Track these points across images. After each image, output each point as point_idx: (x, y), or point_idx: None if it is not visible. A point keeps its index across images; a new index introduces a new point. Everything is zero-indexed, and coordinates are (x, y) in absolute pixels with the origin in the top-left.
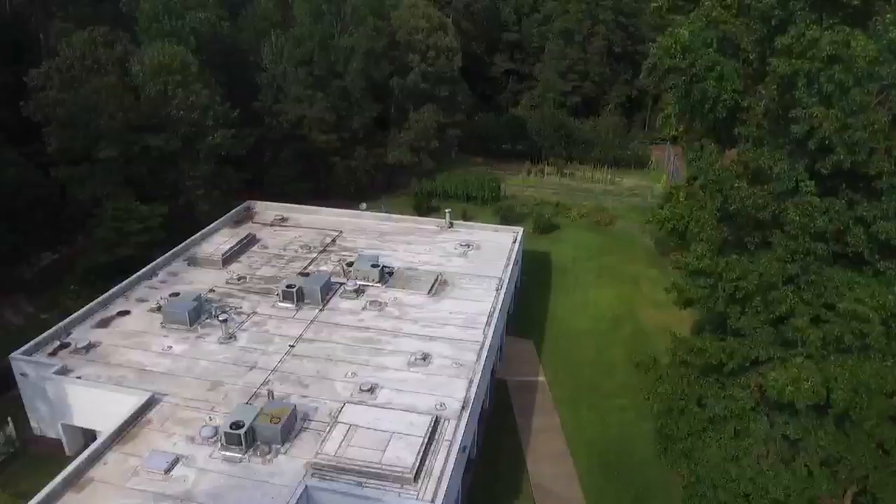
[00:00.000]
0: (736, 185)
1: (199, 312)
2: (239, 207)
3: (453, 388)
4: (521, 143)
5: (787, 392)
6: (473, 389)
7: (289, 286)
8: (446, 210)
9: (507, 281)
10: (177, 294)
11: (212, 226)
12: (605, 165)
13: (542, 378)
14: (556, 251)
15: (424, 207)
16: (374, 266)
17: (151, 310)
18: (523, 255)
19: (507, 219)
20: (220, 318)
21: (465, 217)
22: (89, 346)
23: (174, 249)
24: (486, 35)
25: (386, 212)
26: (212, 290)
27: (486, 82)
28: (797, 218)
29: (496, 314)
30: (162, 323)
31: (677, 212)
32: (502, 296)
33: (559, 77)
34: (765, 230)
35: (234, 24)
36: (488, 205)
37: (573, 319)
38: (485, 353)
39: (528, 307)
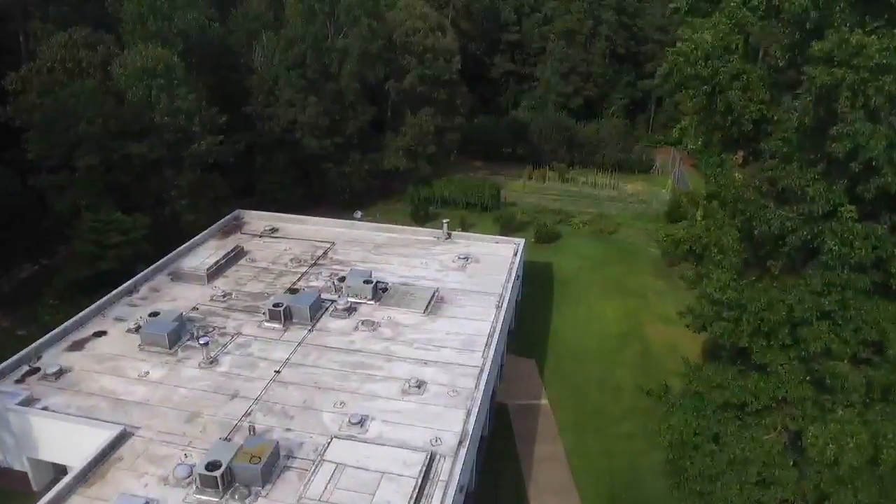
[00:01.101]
0: (762, 204)
1: (179, 334)
2: (227, 217)
3: (450, 420)
4: (522, 147)
5: (829, 451)
6: (472, 421)
7: (276, 305)
8: (444, 221)
9: (507, 297)
10: (156, 314)
11: (198, 237)
12: (609, 170)
13: (544, 401)
14: (559, 262)
15: (421, 215)
16: (366, 282)
17: (130, 330)
18: (524, 266)
19: (507, 227)
20: (201, 342)
21: (464, 225)
22: (60, 372)
23: (157, 263)
24: (485, 35)
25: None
26: (195, 308)
27: (485, 83)
28: (835, 247)
29: (496, 335)
30: (140, 345)
31: (694, 231)
32: (503, 314)
33: (561, 78)
34: (792, 255)
35: (225, 25)
36: (488, 212)
37: (577, 336)
38: (484, 379)
39: (529, 323)
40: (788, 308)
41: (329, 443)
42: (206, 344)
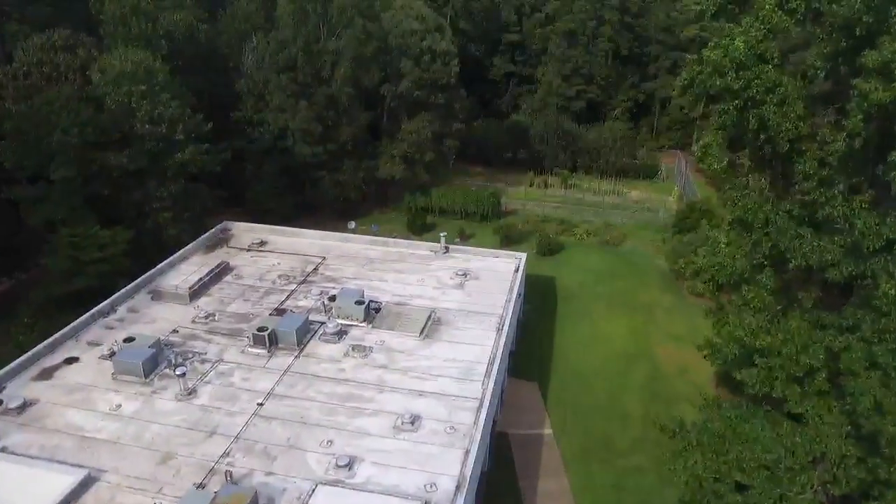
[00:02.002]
0: (796, 233)
1: (156, 361)
2: (214, 230)
3: (446, 462)
4: (523, 152)
5: None
6: (470, 463)
7: (260, 329)
8: (441, 234)
9: (508, 319)
10: (131, 339)
11: (181, 252)
12: (612, 175)
13: (548, 430)
14: (562, 275)
15: (418, 225)
16: (358, 303)
17: (103, 356)
18: (526, 279)
19: (508, 239)
20: (178, 372)
21: (463, 236)
22: (24, 405)
23: (137, 280)
24: (485, 36)
25: (375, 233)
26: (175, 331)
27: (485, 85)
28: (891, 291)
29: (497, 362)
30: (113, 374)
31: (716, 260)
32: (504, 338)
33: (563, 80)
34: (832, 292)
35: (214, 27)
36: (488, 221)
37: (582, 357)
38: (484, 414)
39: (531, 341)
40: (826, 350)
41: (313, 490)
42: (183, 374)
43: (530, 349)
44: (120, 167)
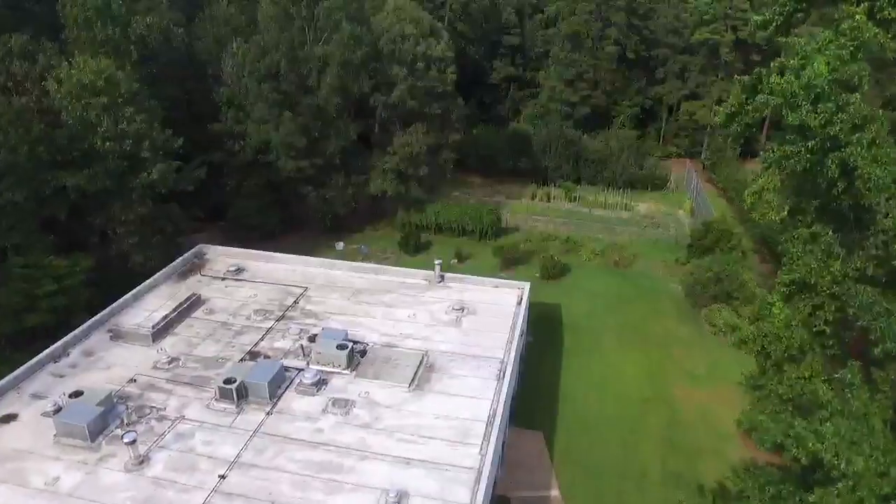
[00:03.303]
0: (884, 309)
1: (105, 421)
2: (187, 255)
3: None
4: (524, 161)
5: None
6: None
7: (227, 381)
8: (436, 261)
9: (510, 364)
10: (79, 393)
11: (149, 282)
12: (620, 187)
13: (555, 492)
14: (568, 302)
15: (412, 245)
16: (340, 347)
17: (46, 413)
18: (529, 308)
19: (508, 261)
20: (127, 440)
21: (460, 257)
22: None
23: (96, 317)
24: (484, 38)
25: (364, 254)
26: (132, 381)
27: (484, 90)
28: None
29: (497, 420)
30: (55, 436)
31: (768, 328)
32: (505, 388)
33: (566, 86)
34: None
35: (192, 31)
36: (487, 240)
37: (592, 401)
38: (483, 487)
39: (535, 382)
40: None
41: None
42: (133, 442)
43: (534, 391)
44: (79, 188)
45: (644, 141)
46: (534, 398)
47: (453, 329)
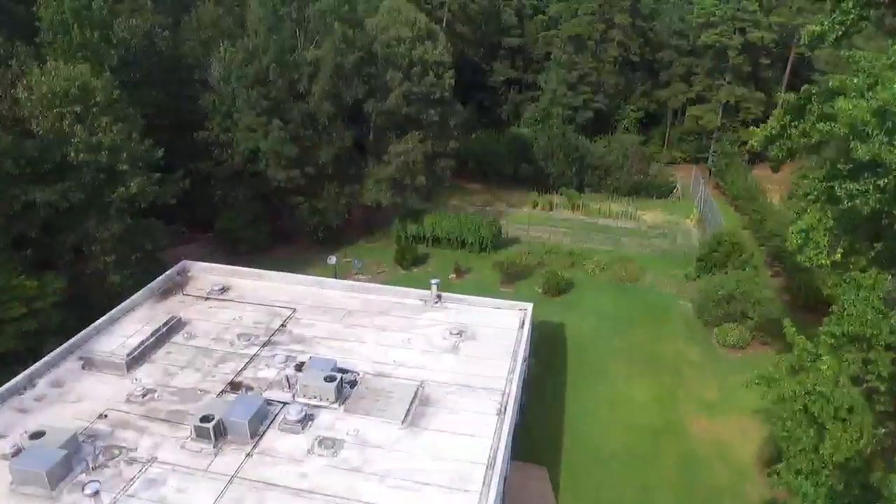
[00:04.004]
0: None
1: (68, 466)
2: (170, 272)
3: None
4: (526, 166)
5: None
6: None
7: (204, 419)
8: (432, 281)
9: (512, 396)
10: (40, 434)
11: (126, 303)
12: (625, 195)
13: None
14: (573, 321)
15: (409, 260)
16: (328, 379)
17: (5, 456)
18: (532, 330)
19: (509, 276)
20: (88, 491)
21: (458, 271)
22: None
23: (67, 343)
24: (484, 39)
25: (358, 269)
26: (103, 416)
27: (484, 93)
28: None
29: (498, 462)
30: (11, 484)
31: (811, 383)
32: (507, 425)
33: (568, 89)
34: None
35: (178, 34)
36: (487, 253)
37: (599, 433)
38: None
39: (538, 411)
40: None
41: None
42: (97, 493)
43: (538, 422)
44: (50, 204)
45: (648, 146)
46: (537, 428)
47: (451, 356)
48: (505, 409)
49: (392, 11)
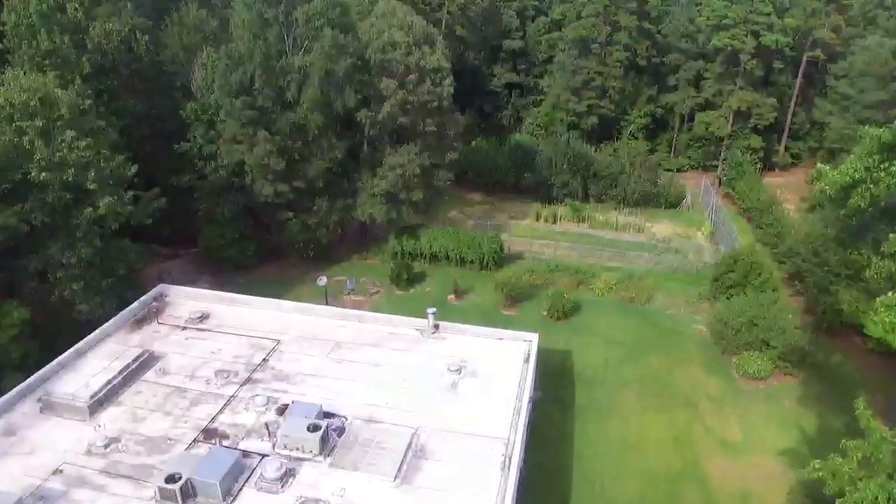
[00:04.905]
0: None
1: None
2: (145, 297)
3: None
4: (528, 175)
5: None
6: None
7: (170, 479)
8: (429, 310)
9: (518, 446)
10: None
11: (96, 333)
12: (632, 205)
13: None
14: (580, 348)
15: (405, 279)
16: (312, 428)
17: None
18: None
19: (512, 298)
20: None
21: (458, 292)
22: None
23: (25, 383)
24: (484, 42)
25: (350, 290)
26: (58, 472)
27: (484, 97)
28: None
29: None
30: None
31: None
32: (511, 481)
33: (572, 94)
34: None
35: (159, 38)
36: (488, 271)
37: (612, 478)
38: None
39: (545, 452)
40: None
41: None
42: None
43: (544, 462)
44: (9, 227)
45: (655, 153)
46: (545, 475)
47: (449, 396)
48: (509, 462)
49: (386, 15)
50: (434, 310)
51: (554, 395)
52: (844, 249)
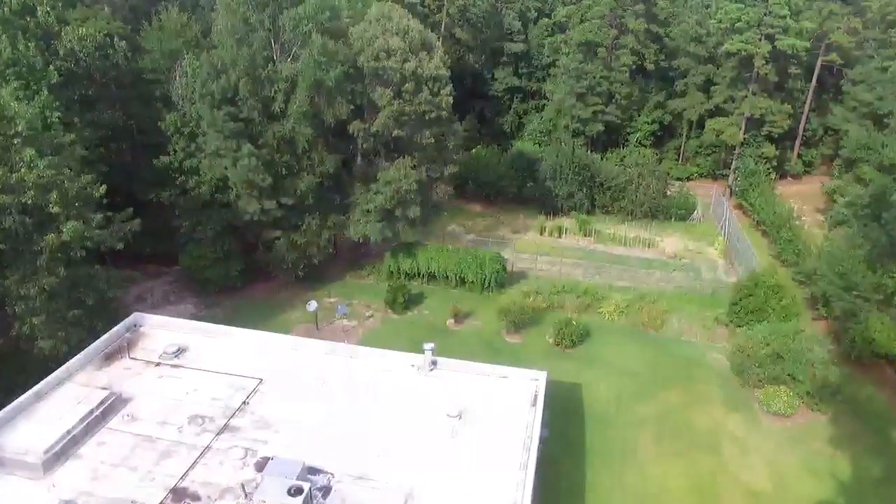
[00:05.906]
0: None
1: None
2: (118, 328)
3: None
4: (531, 185)
5: None
6: None
7: None
8: (426, 346)
9: None
10: None
11: (59, 372)
12: (640, 217)
13: None
14: (590, 382)
15: (401, 302)
16: (294, 492)
17: None
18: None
19: (516, 325)
20: None
21: (458, 316)
22: None
23: None
24: (485, 45)
25: (342, 315)
26: None
27: (485, 102)
28: None
29: None
30: None
31: None
32: None
33: (576, 99)
34: None
35: (139, 44)
36: (490, 292)
37: None
38: None
39: (554, 500)
40: None
41: None
42: None
43: None
44: None
45: (662, 160)
46: None
47: (447, 447)
48: None
49: (381, 19)
50: (432, 346)
51: (563, 437)
52: (874, 272)
